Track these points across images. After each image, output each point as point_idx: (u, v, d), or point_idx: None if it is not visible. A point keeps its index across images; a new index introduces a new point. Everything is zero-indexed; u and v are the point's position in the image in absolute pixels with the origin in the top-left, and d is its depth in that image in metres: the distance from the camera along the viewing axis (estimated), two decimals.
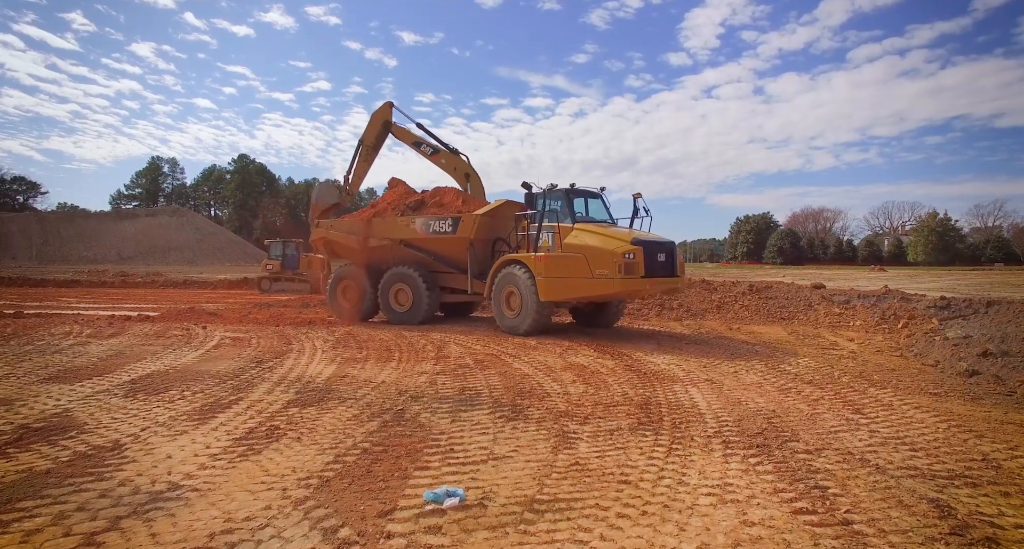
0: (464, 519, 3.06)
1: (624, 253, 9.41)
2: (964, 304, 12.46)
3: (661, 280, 9.91)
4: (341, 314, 13.50)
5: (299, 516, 3.10)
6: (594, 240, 9.88)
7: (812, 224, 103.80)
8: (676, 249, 10.51)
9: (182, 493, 3.41)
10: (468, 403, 5.62)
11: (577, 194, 11.14)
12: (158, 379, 6.67)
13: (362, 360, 8.10)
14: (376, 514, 3.12)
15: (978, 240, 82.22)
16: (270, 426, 4.80)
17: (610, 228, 10.55)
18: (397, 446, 4.30)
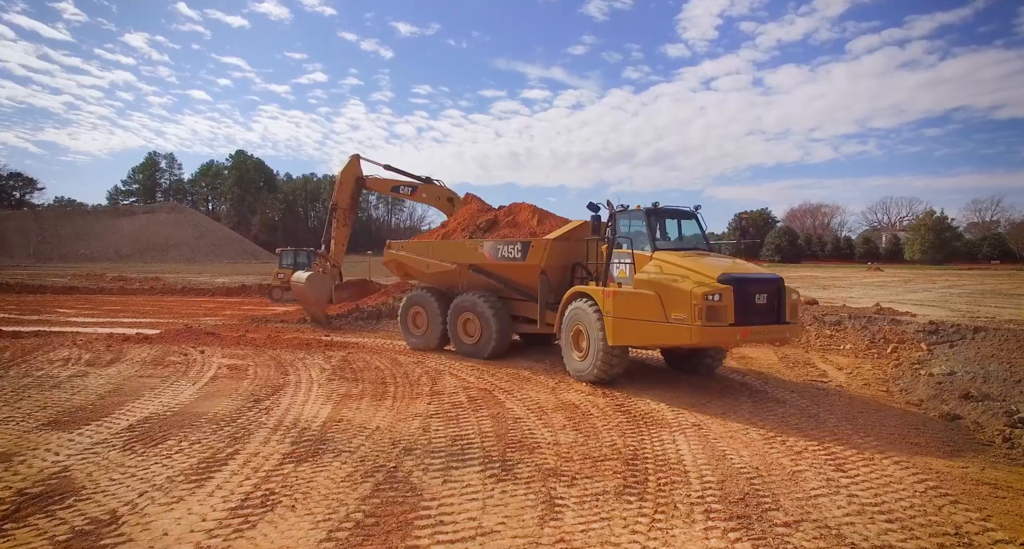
0: None
1: (706, 294, 7.41)
2: (952, 329, 12.59)
3: (760, 329, 7.77)
4: (412, 343, 12.80)
5: None
6: (672, 274, 8.04)
7: (810, 220, 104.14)
8: (784, 287, 8.08)
9: None
10: (459, 458, 5.73)
11: (662, 215, 9.47)
12: (155, 425, 6.77)
13: (357, 397, 8.22)
14: None
15: (975, 237, 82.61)
16: (265, 490, 4.91)
17: (702, 258, 8.47)
18: (388, 517, 4.42)
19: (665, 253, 8.62)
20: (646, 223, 9.04)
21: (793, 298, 8.11)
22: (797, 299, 8.22)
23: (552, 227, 11.21)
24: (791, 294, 8.09)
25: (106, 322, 17.35)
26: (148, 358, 11.08)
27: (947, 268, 67.84)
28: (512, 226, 11.95)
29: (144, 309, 21.67)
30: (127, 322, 17.38)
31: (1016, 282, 37.48)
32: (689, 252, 8.79)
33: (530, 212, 12.07)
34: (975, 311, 17.40)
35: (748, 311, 7.68)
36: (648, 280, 8.19)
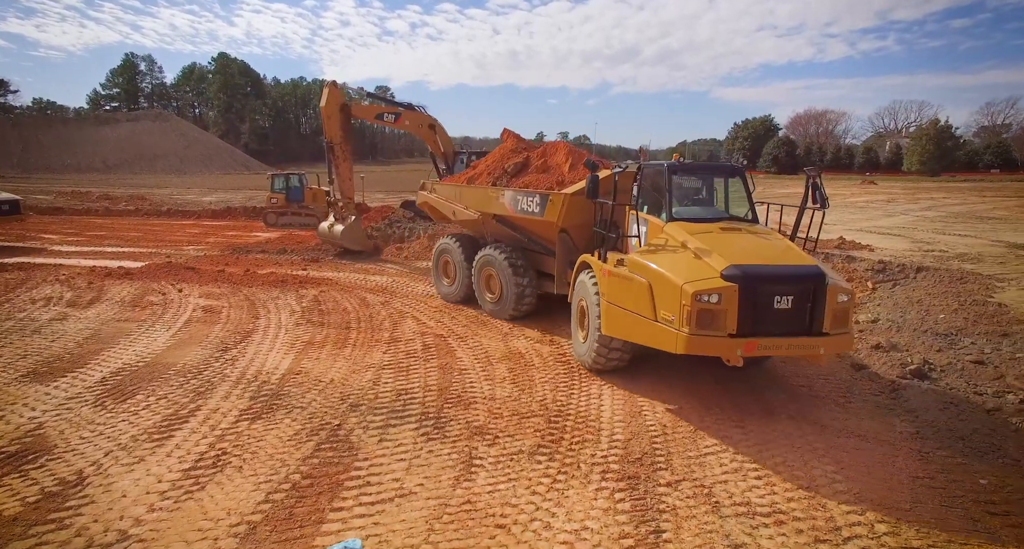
0: None
1: (698, 293, 5.69)
2: (897, 269, 13.07)
3: (778, 342, 5.89)
4: (442, 294, 11.98)
5: None
6: (672, 258, 6.41)
7: (814, 126, 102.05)
8: (825, 285, 5.89)
9: (128, 546, 4.12)
10: (400, 414, 6.30)
11: (692, 171, 7.78)
12: (127, 378, 7.29)
13: (319, 345, 8.73)
14: None
15: (978, 146, 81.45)
16: (219, 450, 5.48)
17: (725, 235, 6.70)
18: (322, 478, 5.01)
19: (680, 225, 6.88)
20: (667, 182, 7.24)
21: (840, 301, 5.94)
22: (847, 302, 6.01)
23: (584, 173, 9.14)
24: (837, 295, 5.90)
25: (90, 252, 17.61)
26: (128, 297, 11.50)
27: (942, 180, 67.56)
28: (543, 171, 10.41)
29: (129, 235, 21.84)
30: (111, 252, 17.65)
31: (1000, 198, 37.81)
32: (713, 224, 6.94)
33: (565, 154, 10.46)
34: (935, 242, 17.84)
35: (762, 317, 5.80)
36: (641, 263, 6.55)
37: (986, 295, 10.21)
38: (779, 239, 6.85)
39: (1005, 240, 18.15)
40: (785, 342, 5.92)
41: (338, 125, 16.05)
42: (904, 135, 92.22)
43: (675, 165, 7.41)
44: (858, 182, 60.84)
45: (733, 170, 7.75)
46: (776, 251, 6.42)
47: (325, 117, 15.81)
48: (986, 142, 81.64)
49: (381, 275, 14.43)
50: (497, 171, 11.10)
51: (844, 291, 6.05)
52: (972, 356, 7.54)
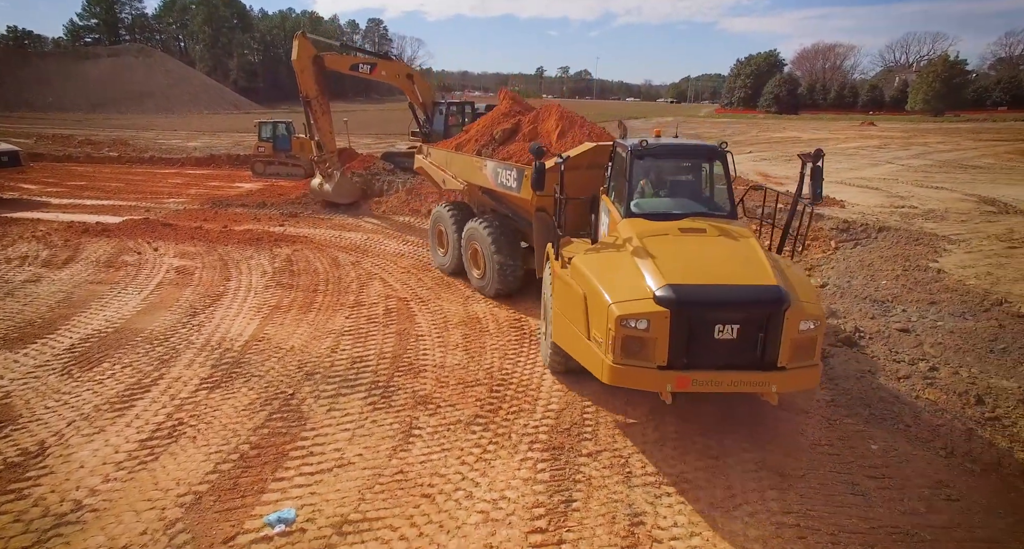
0: (283, 545, 4.17)
1: (624, 317, 4.84)
2: (860, 228, 13.24)
3: (719, 377, 4.94)
4: (436, 265, 11.24)
5: (164, 543, 4.19)
6: (612, 266, 5.54)
7: (821, 61, 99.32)
8: (784, 311, 4.82)
9: (82, 515, 4.47)
10: (351, 383, 6.60)
11: (659, 155, 6.60)
12: (95, 345, 7.54)
13: (286, 309, 8.96)
14: (222, 540, 4.21)
15: (989, 82, 79.24)
16: (176, 420, 5.80)
17: (684, 238, 5.71)
18: (269, 448, 5.34)
19: (635, 223, 5.92)
20: (628, 168, 6.28)
21: (803, 330, 4.85)
22: (813, 330, 4.92)
23: (572, 143, 8.75)
24: (798, 322, 4.82)
25: (69, 205, 17.50)
26: (103, 257, 11.62)
27: (944, 120, 66.39)
28: (532, 138, 9.55)
29: (110, 185, 21.60)
30: (90, 205, 17.54)
31: (994, 142, 37.54)
32: (676, 222, 5.88)
33: (555, 120, 9.49)
34: (910, 196, 17.92)
35: (700, 347, 4.87)
36: (580, 270, 5.65)
37: (931, 259, 10.43)
38: (747, 244, 5.53)
39: (978, 194, 18.21)
40: (728, 377, 4.92)
41: (312, 78, 15.63)
42: (914, 70, 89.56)
43: (640, 149, 6.30)
44: (858, 123, 59.83)
45: (712, 153, 6.46)
46: (733, 263, 5.25)
47: (298, 71, 15.37)
48: (998, 77, 79.11)
49: (356, 232, 14.51)
50: (486, 137, 10.21)
51: (809, 316, 4.84)
52: (900, 324, 7.84)
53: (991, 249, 10.97)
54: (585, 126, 9.29)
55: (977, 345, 7.13)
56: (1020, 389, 6.23)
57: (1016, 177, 22.24)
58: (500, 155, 9.54)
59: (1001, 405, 6.00)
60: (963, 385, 6.37)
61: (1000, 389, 6.24)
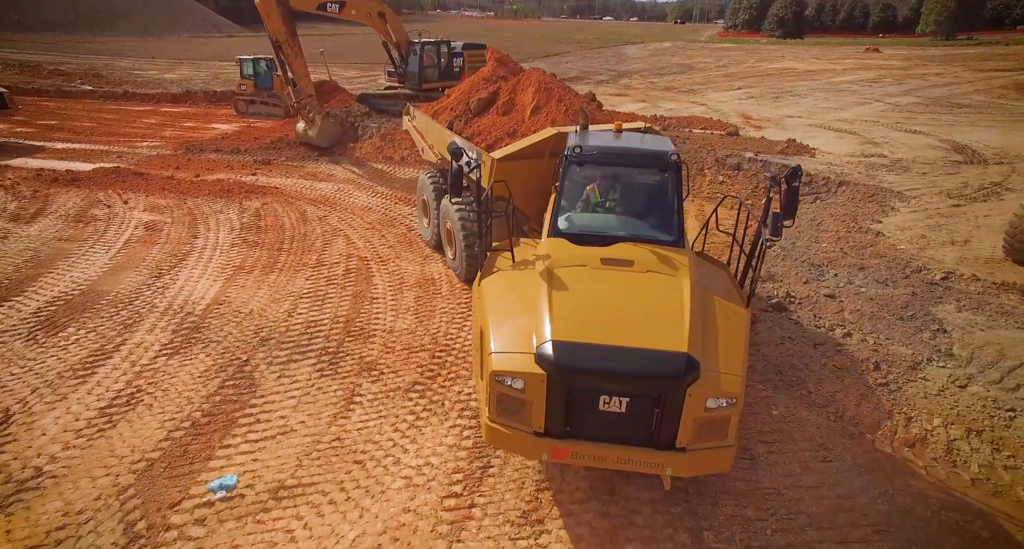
0: (223, 510, 4.63)
1: (498, 373, 4.18)
2: (822, 182, 13.36)
3: (603, 450, 4.25)
4: (423, 237, 10.35)
5: (116, 507, 4.64)
6: (517, 298, 4.80)
7: None
8: (688, 383, 4.04)
9: (41, 481, 4.89)
10: (303, 349, 6.95)
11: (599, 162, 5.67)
12: (61, 309, 7.79)
13: (249, 269, 9.18)
14: (169, 504, 4.66)
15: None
16: (134, 387, 6.16)
17: (617, 270, 4.85)
18: (220, 415, 5.74)
19: (557, 245, 5.15)
20: (562, 177, 5.56)
21: (711, 408, 4.05)
22: (725, 409, 4.08)
23: (545, 121, 7.90)
24: (704, 400, 4.02)
25: (38, 148, 17.17)
26: (72, 210, 11.64)
27: (955, 43, 63.89)
28: (505, 112, 8.58)
29: (82, 125, 21.05)
30: (61, 149, 17.21)
31: (994, 73, 36.79)
32: (604, 249, 5.02)
33: (532, 92, 8.45)
34: (884, 142, 17.89)
35: (582, 417, 4.20)
36: (483, 298, 4.90)
37: (875, 219, 10.65)
38: (675, 287, 4.62)
39: (953, 139, 18.13)
40: (615, 453, 4.22)
41: (280, 22, 14.98)
42: None
43: (575, 155, 5.43)
44: (862, 49, 57.82)
45: (660, 164, 5.45)
46: (645, 316, 4.37)
47: (264, 15, 14.71)
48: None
49: (328, 182, 14.46)
50: (462, 106, 9.39)
51: (722, 393, 4.02)
52: (828, 290, 8.17)
53: (936, 208, 11.18)
54: (564, 100, 8.35)
55: (890, 312, 7.50)
56: (912, 355, 6.66)
57: (998, 117, 22.03)
58: (472, 128, 8.80)
59: (893, 371, 6.44)
60: (867, 352, 6.79)
61: (896, 356, 6.67)
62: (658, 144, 5.93)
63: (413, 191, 13.41)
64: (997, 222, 10.00)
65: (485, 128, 8.74)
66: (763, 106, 25.68)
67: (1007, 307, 7.40)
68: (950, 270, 8.32)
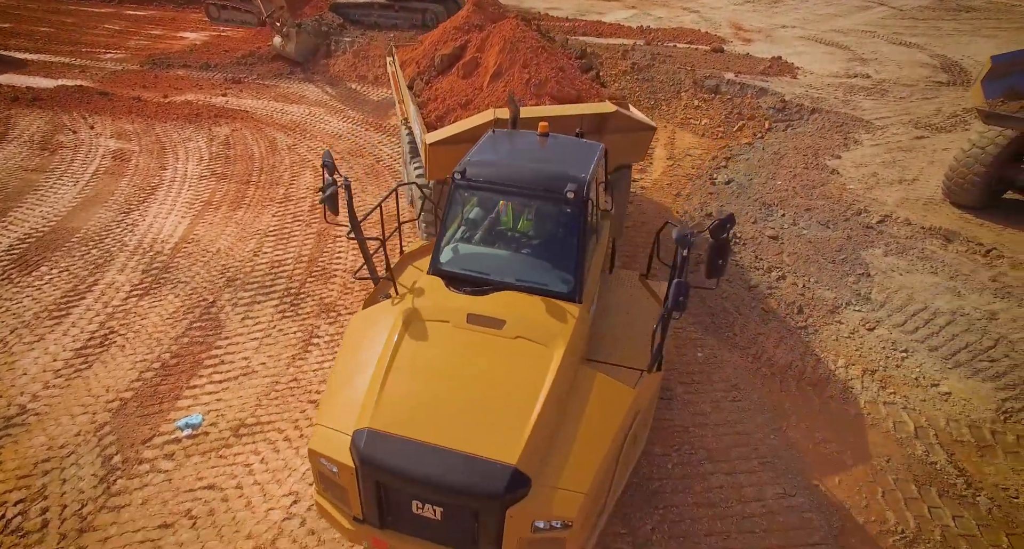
0: (189, 446, 5.15)
1: (315, 452, 3.71)
2: (795, 109, 13.15)
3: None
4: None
5: (94, 443, 5.15)
6: (369, 355, 4.01)
7: None
8: (506, 502, 3.31)
9: (26, 418, 5.37)
10: (267, 290, 7.26)
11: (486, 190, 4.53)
12: (33, 247, 7.98)
13: (217, 205, 9.26)
14: (141, 441, 5.18)
15: None
16: (107, 328, 6.53)
17: (484, 333, 4.00)
18: (187, 357, 6.16)
19: (434, 286, 4.32)
20: (447, 200, 4.55)
21: (539, 529, 3.38)
22: (558, 531, 3.38)
23: (502, 90, 6.76)
24: (531, 521, 3.36)
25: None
26: (37, 135, 11.43)
27: None
28: (467, 74, 7.28)
29: (39, 30, 19.84)
30: (19, 58, 16.40)
31: None
32: (474, 301, 4.16)
33: (496, 50, 7.18)
34: (874, 58, 17.29)
35: (399, 513, 3.67)
36: (346, 340, 4.33)
37: (835, 154, 10.63)
38: (540, 365, 3.74)
39: (946, 54, 17.49)
40: None
41: None
42: None
43: (459, 178, 4.38)
44: None
45: (562, 200, 4.25)
46: (481, 412, 3.60)
47: None
48: None
49: (299, 105, 14.04)
50: (427, 59, 8.02)
51: (550, 516, 3.34)
52: (773, 231, 8.39)
53: (898, 141, 11.12)
54: (530, 65, 6.92)
55: (824, 256, 7.79)
56: (834, 299, 7.05)
57: (1006, 23, 21.00)
58: (432, 90, 7.40)
59: (814, 315, 6.86)
60: (794, 295, 7.17)
61: (820, 300, 7.06)
62: (573, 165, 4.50)
63: (383, 115, 13.15)
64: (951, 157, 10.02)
65: (443, 92, 7.34)
66: (758, 13, 24.24)
67: (927, 252, 7.69)
68: (888, 213, 8.50)
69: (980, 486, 4.98)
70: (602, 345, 4.65)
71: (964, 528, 4.65)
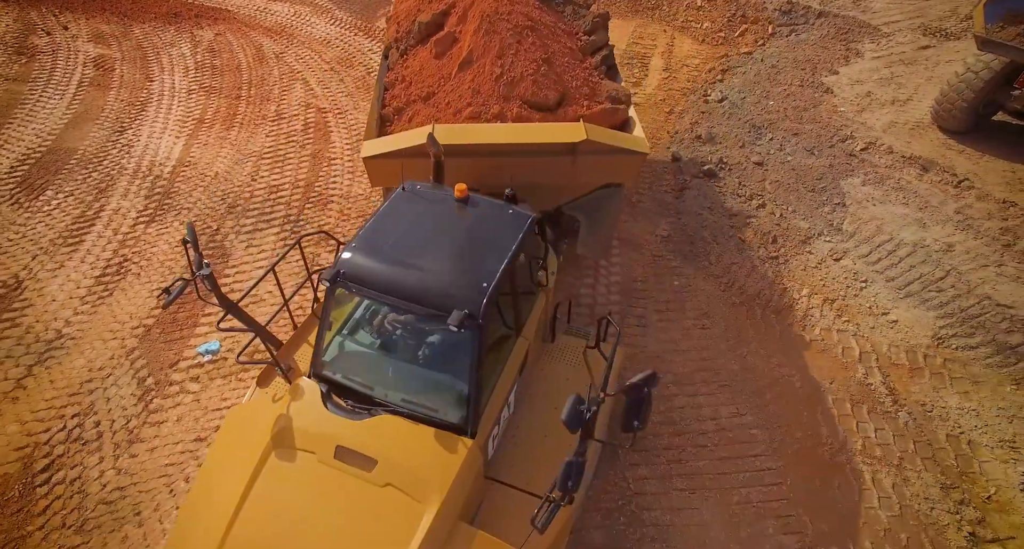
0: (212, 370, 5.67)
1: None
2: (802, 12, 12.46)
3: None
4: None
5: (127, 366, 5.66)
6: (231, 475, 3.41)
7: None
8: None
9: (64, 342, 5.83)
10: (267, 217, 7.43)
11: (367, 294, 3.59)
12: (34, 168, 7.99)
13: (209, 123, 9.11)
14: (168, 365, 5.69)
15: None
16: (121, 256, 6.80)
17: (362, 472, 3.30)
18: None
19: (310, 398, 3.60)
20: (324, 303, 3.83)
21: None
22: None
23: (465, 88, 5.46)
24: None
25: None
26: (8, 37, 10.81)
27: None
28: (440, 53, 5.92)
29: None
30: None
31: None
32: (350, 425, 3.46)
33: (473, 29, 5.64)
34: None
35: None
36: (212, 450, 3.75)
37: (833, 69, 10.26)
38: (399, 533, 3.10)
39: None
40: None
41: None
42: None
43: (335, 278, 3.52)
44: None
45: (455, 320, 3.20)
46: None
47: None
48: None
49: (283, 2, 13.09)
50: (407, 24, 6.56)
51: None
52: (758, 156, 8.41)
53: (901, 52, 10.69)
54: (505, 55, 5.43)
55: (804, 184, 7.92)
56: (808, 229, 7.30)
57: None
58: (404, 66, 6.23)
59: (787, 245, 7.16)
60: (771, 225, 7.42)
61: (794, 230, 7.32)
62: (480, 264, 3.55)
63: (371, 17, 12.39)
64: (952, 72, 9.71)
65: (412, 73, 5.98)
66: None
67: (903, 182, 7.81)
68: (873, 140, 8.47)
69: (904, 403, 5.62)
70: (516, 450, 3.92)
71: (882, 439, 5.34)
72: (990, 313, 6.21)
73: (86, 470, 4.88)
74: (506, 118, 5.14)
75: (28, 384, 5.48)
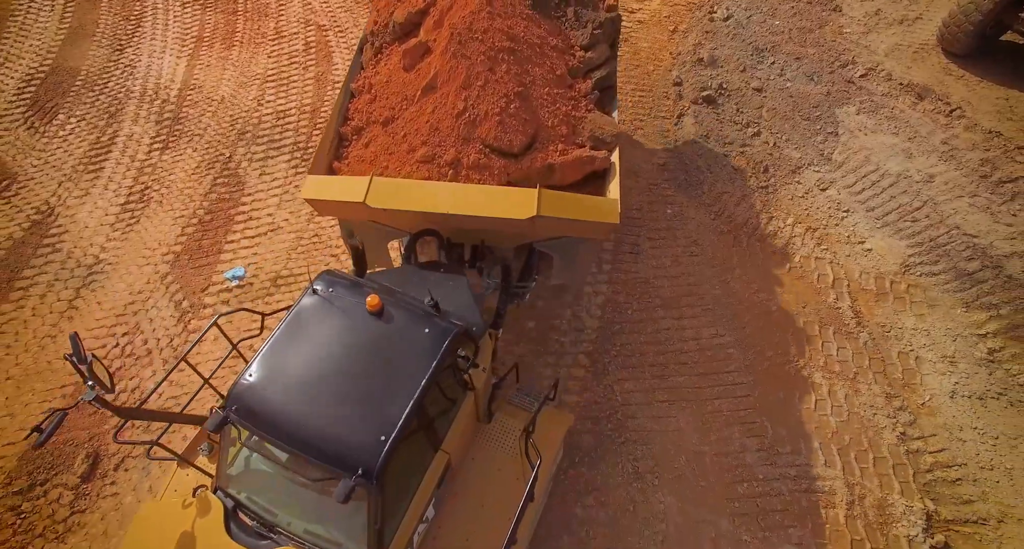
0: (240, 293, 6.09)
1: None
2: None
3: None
4: None
5: (163, 290, 6.07)
6: None
7: None
8: None
9: (103, 267, 6.20)
10: (277, 144, 7.50)
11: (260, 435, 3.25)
12: (40, 91, 7.92)
13: (208, 42, 8.84)
14: (200, 289, 6.10)
15: None
16: (142, 184, 6.98)
17: None
18: (219, 213, 6.76)
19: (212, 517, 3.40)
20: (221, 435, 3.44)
21: None
22: None
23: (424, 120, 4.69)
24: None
25: None
26: None
27: None
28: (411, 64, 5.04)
29: None
30: None
31: None
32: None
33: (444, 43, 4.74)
34: None
35: None
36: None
37: None
38: None
39: None
40: None
41: None
42: None
43: (222, 420, 3.18)
44: None
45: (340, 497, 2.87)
46: None
47: None
48: None
49: None
50: (386, 15, 5.50)
51: None
52: (758, 82, 8.28)
53: None
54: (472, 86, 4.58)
55: (800, 113, 7.89)
56: (799, 159, 7.43)
57: None
58: (373, 71, 5.36)
59: (777, 174, 7.33)
60: (764, 154, 7.53)
61: (786, 159, 7.44)
62: (385, 400, 3.21)
63: None
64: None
65: (381, 83, 5.15)
66: None
67: (896, 111, 7.79)
68: (874, 65, 8.29)
69: (866, 324, 6.13)
70: None
71: (842, 356, 5.91)
72: (956, 242, 6.55)
73: (143, 382, 5.45)
74: (461, 165, 4.44)
75: (79, 305, 5.93)
